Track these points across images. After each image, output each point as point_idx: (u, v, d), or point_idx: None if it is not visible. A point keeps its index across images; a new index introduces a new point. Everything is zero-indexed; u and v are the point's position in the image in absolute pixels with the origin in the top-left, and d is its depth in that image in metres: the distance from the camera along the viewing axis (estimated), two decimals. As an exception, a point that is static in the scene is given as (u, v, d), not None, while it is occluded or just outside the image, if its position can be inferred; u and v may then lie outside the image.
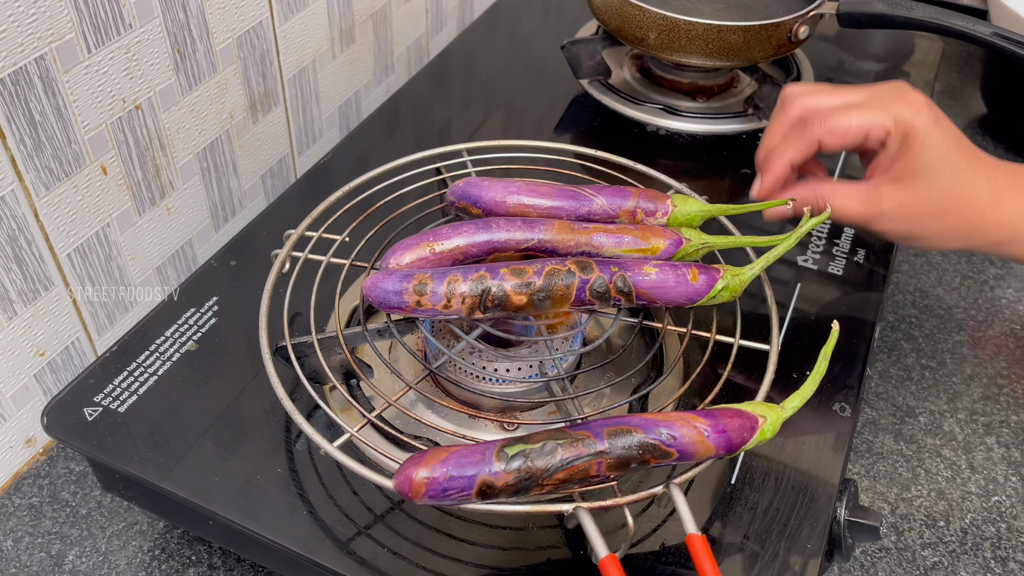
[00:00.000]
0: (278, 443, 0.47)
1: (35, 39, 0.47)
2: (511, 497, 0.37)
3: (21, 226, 0.51)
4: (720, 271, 0.45)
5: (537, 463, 0.36)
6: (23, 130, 0.49)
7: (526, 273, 0.43)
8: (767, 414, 0.40)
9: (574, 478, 0.37)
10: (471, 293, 0.42)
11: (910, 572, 0.53)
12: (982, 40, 0.59)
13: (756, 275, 0.46)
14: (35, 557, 0.52)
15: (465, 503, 0.37)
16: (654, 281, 0.44)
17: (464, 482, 0.36)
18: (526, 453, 0.36)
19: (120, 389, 0.49)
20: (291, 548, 0.43)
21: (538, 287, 0.43)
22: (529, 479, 0.36)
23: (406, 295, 0.43)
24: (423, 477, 0.36)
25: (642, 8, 0.64)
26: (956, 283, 0.72)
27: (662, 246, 0.47)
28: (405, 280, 0.43)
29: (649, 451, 0.37)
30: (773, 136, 0.49)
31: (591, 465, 0.37)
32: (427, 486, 0.36)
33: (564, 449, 0.37)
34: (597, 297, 0.43)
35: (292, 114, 0.72)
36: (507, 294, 0.42)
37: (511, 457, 0.36)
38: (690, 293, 0.45)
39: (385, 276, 0.44)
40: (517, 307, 0.43)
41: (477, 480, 0.36)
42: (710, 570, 0.35)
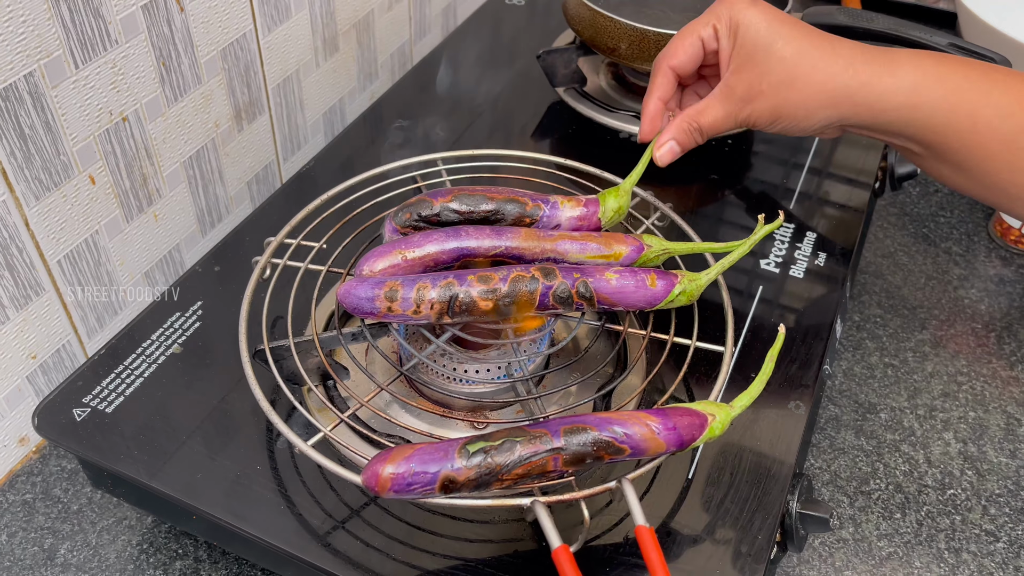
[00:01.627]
0: (260, 442, 0.50)
1: (24, 56, 0.50)
2: (473, 492, 0.39)
3: (12, 234, 0.53)
4: (678, 276, 0.48)
5: (496, 459, 0.39)
6: (13, 143, 0.51)
7: (492, 280, 0.45)
8: (716, 412, 0.42)
9: (532, 473, 0.39)
10: (439, 299, 0.45)
11: (866, 562, 0.56)
12: (939, 50, 0.61)
13: (712, 279, 0.48)
14: (28, 551, 0.54)
15: (429, 497, 0.39)
16: (615, 287, 0.46)
17: (428, 477, 0.38)
18: (486, 450, 0.39)
19: (108, 391, 0.51)
20: (272, 543, 0.45)
21: (503, 293, 0.45)
22: (489, 474, 0.39)
23: (378, 301, 0.45)
24: (389, 473, 0.38)
25: (613, 20, 0.67)
26: (921, 283, 0.74)
27: (624, 252, 0.49)
28: (377, 287, 0.45)
29: (603, 447, 0.40)
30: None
31: (548, 461, 0.39)
32: (392, 481, 0.38)
33: (522, 446, 0.39)
34: (560, 302, 0.46)
35: (277, 122, 0.74)
36: (474, 300, 0.45)
37: (472, 454, 0.39)
38: (649, 297, 0.47)
39: (358, 283, 0.46)
40: (484, 312, 0.45)
41: (440, 475, 0.38)
42: (656, 559, 0.37)
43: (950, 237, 0.78)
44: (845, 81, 0.48)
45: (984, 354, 0.68)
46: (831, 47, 0.48)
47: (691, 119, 0.51)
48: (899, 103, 0.48)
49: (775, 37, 0.48)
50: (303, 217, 0.56)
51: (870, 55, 0.48)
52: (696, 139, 0.52)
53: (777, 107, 0.49)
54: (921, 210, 0.81)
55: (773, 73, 0.48)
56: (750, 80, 0.49)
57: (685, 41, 0.51)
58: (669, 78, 0.52)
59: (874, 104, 0.48)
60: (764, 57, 0.48)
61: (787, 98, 0.49)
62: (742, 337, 0.56)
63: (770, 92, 0.49)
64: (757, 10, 0.49)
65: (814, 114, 0.49)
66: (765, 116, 0.50)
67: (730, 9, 0.49)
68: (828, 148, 0.73)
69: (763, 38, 0.48)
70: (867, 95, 0.48)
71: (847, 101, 0.48)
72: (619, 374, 0.53)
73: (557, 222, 0.51)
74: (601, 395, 0.50)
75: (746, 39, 0.49)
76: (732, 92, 0.50)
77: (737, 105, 0.50)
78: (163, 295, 0.57)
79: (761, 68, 0.48)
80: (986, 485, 0.60)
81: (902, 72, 0.48)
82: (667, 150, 0.52)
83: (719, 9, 0.50)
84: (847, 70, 0.48)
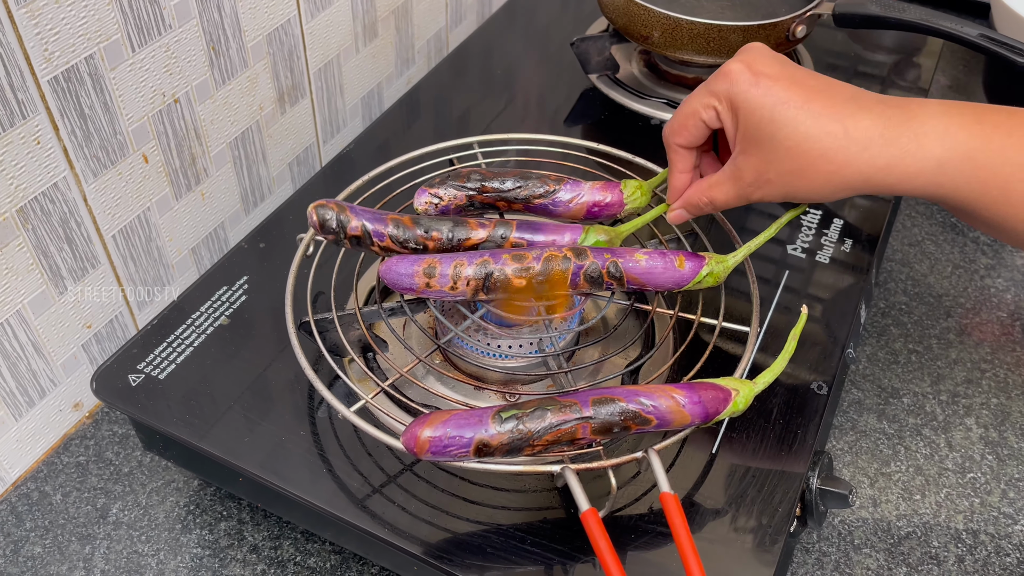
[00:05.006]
0: (302, 409, 0.52)
1: (85, 40, 0.52)
2: (505, 456, 0.41)
3: (72, 209, 0.56)
4: (705, 258, 0.49)
5: (528, 426, 0.41)
6: (74, 123, 0.54)
7: (526, 259, 0.47)
8: (740, 388, 0.44)
9: (562, 440, 0.41)
10: (475, 276, 0.47)
11: (884, 541, 0.57)
12: (969, 41, 0.62)
13: (739, 262, 0.50)
14: (82, 510, 0.57)
15: (464, 460, 0.42)
16: (644, 267, 0.48)
17: (463, 441, 0.41)
18: (518, 416, 0.41)
19: (160, 358, 0.54)
20: (313, 503, 0.48)
21: (537, 271, 0.47)
22: (521, 439, 0.41)
23: (416, 277, 0.47)
24: (427, 436, 0.41)
25: (646, 8, 0.68)
26: (947, 272, 0.75)
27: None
28: (416, 263, 0.47)
29: (630, 418, 0.42)
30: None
31: (577, 428, 0.41)
32: (431, 443, 0.41)
33: (553, 414, 0.41)
34: (590, 281, 0.48)
35: (318, 105, 0.76)
36: (508, 277, 0.47)
37: (505, 420, 0.41)
38: (677, 278, 0.49)
39: (399, 260, 0.48)
40: (517, 289, 0.47)
41: (475, 440, 0.41)
42: (680, 524, 0.39)
43: (978, 227, 0.79)
44: (860, 167, 0.43)
45: (1008, 342, 0.69)
46: (843, 129, 0.43)
47: (704, 193, 0.49)
48: (923, 183, 0.43)
49: (780, 124, 0.43)
50: (344, 197, 0.58)
51: (890, 131, 0.43)
52: (708, 211, 0.50)
53: (788, 193, 0.46)
54: (950, 200, 0.82)
55: (780, 162, 0.44)
56: (757, 167, 0.45)
57: (688, 122, 0.48)
58: (682, 154, 0.50)
59: (895, 185, 0.44)
60: (769, 145, 0.44)
61: (798, 187, 0.45)
62: (767, 319, 0.57)
63: (778, 180, 0.45)
64: (760, 91, 0.44)
65: (830, 196, 0.45)
66: (777, 198, 0.46)
67: (730, 88, 0.45)
68: (857, 137, 0.74)
69: (767, 125, 0.44)
70: (886, 178, 0.43)
71: (865, 185, 0.44)
72: (647, 352, 0.54)
73: (578, 202, 0.52)
74: (629, 371, 0.52)
75: (749, 124, 0.44)
76: (741, 176, 0.46)
77: (747, 189, 0.47)
78: (211, 270, 0.60)
79: (766, 156, 0.44)
80: (1006, 470, 0.61)
81: (926, 150, 0.43)
82: (677, 215, 0.51)
83: (719, 86, 0.45)
84: (862, 154, 0.43)
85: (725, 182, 0.47)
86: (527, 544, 0.46)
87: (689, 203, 0.50)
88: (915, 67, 0.83)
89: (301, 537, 0.56)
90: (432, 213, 0.53)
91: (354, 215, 0.49)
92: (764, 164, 0.45)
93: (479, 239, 0.50)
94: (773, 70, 0.44)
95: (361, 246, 0.50)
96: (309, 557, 0.55)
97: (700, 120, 0.47)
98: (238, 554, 0.55)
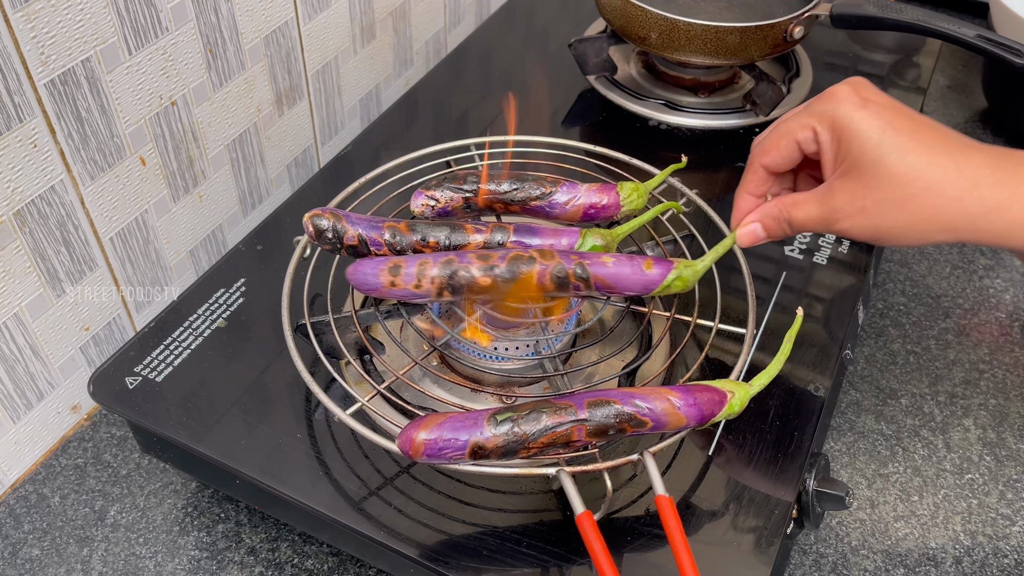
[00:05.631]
0: (299, 412, 0.52)
1: (82, 43, 0.52)
2: (500, 459, 0.41)
3: (69, 212, 0.56)
4: (674, 262, 0.49)
5: (523, 428, 0.41)
6: (71, 125, 0.54)
7: (491, 258, 0.47)
8: (736, 390, 0.44)
9: (557, 442, 0.41)
10: (440, 275, 0.47)
11: (882, 542, 0.57)
12: (966, 42, 0.62)
13: (708, 267, 0.49)
14: (80, 512, 0.57)
15: (459, 463, 0.42)
16: (611, 270, 0.48)
17: (458, 443, 0.41)
18: (514, 419, 0.41)
19: (157, 361, 0.54)
20: (311, 505, 0.48)
21: (502, 271, 0.47)
22: (516, 442, 0.41)
23: (381, 276, 0.47)
24: (422, 439, 0.41)
25: (644, 9, 0.68)
26: (946, 272, 0.75)
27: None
28: (381, 263, 0.48)
29: (626, 420, 0.42)
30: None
31: (572, 431, 0.41)
32: (426, 446, 0.41)
33: (548, 416, 0.41)
34: (556, 283, 0.48)
35: (316, 107, 0.76)
36: (473, 277, 0.47)
37: (500, 422, 0.41)
38: (645, 282, 0.49)
39: (364, 260, 0.48)
40: (483, 289, 0.47)
41: (470, 443, 0.41)
42: (675, 527, 0.39)
43: (977, 227, 0.79)
44: (967, 206, 0.41)
45: (1007, 343, 0.69)
46: (954, 164, 0.41)
47: (784, 209, 0.46)
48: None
49: (887, 148, 0.41)
50: (342, 199, 0.58)
51: (1002, 172, 0.41)
52: (784, 230, 0.47)
53: (880, 227, 0.43)
54: (948, 200, 0.82)
55: (881, 189, 0.42)
56: (853, 191, 0.42)
57: (780, 142, 0.45)
58: (761, 175, 0.47)
59: (1002, 232, 0.41)
60: (873, 170, 0.41)
61: (895, 219, 0.42)
62: (764, 321, 0.57)
63: (874, 210, 0.42)
64: (867, 113, 0.42)
65: (927, 237, 0.43)
66: (865, 233, 0.43)
67: (835, 109, 0.42)
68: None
69: (872, 148, 0.41)
70: (992, 222, 0.41)
71: (968, 227, 0.41)
72: (643, 354, 0.54)
73: (574, 204, 0.52)
74: (625, 373, 0.52)
75: (852, 146, 0.42)
76: (832, 199, 0.43)
77: (835, 215, 0.44)
78: (208, 272, 0.60)
79: (867, 181, 0.42)
80: (1004, 471, 0.61)
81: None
82: (750, 231, 0.48)
83: (821, 107, 0.43)
84: (971, 193, 0.41)
85: (811, 202, 0.44)
86: (523, 546, 0.46)
87: (767, 216, 0.47)
88: (914, 67, 0.83)
89: (299, 539, 0.56)
90: (429, 215, 0.53)
91: (350, 224, 0.49)
92: (863, 189, 0.42)
93: (476, 244, 0.50)
94: (881, 99, 0.43)
95: (358, 254, 0.50)
96: (307, 559, 0.55)
97: (795, 141, 0.44)
98: (236, 556, 0.55)
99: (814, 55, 0.81)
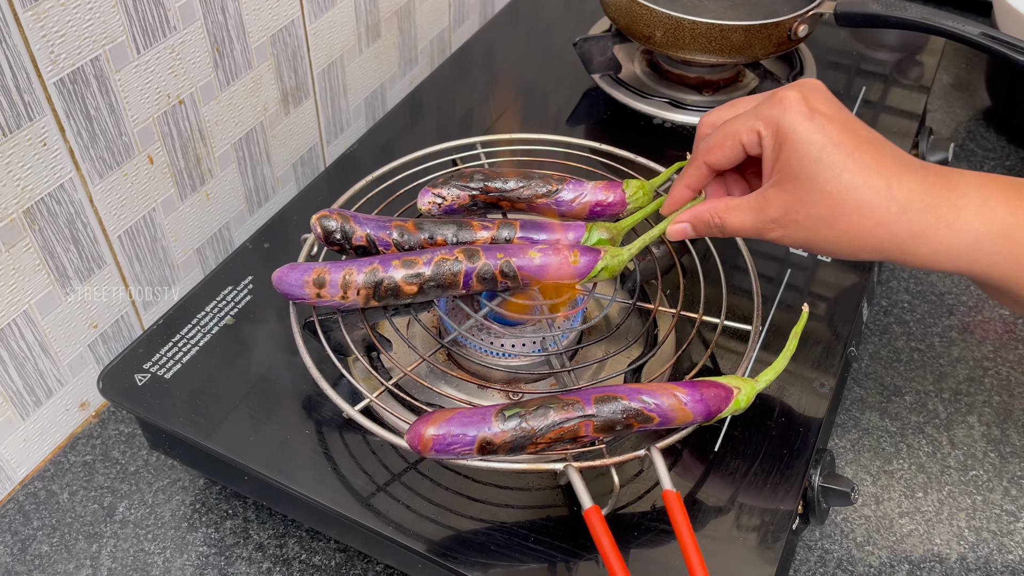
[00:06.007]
0: (307, 408, 0.53)
1: (91, 42, 0.53)
2: (508, 454, 0.42)
3: (78, 210, 0.56)
4: (600, 252, 0.49)
5: (531, 423, 0.41)
6: (80, 124, 0.54)
7: (416, 264, 0.48)
8: (742, 386, 0.44)
9: (564, 437, 0.41)
10: (365, 284, 0.47)
11: (887, 538, 0.57)
12: (971, 40, 0.62)
13: (633, 255, 0.50)
14: (89, 508, 0.58)
15: (467, 458, 0.42)
16: (537, 264, 0.48)
17: (467, 439, 0.41)
18: (522, 415, 0.41)
19: (166, 358, 0.54)
20: (318, 501, 0.48)
21: (427, 276, 0.47)
22: (524, 437, 0.41)
23: (307, 288, 0.48)
24: (431, 434, 0.41)
25: (649, 8, 0.68)
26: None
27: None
28: (306, 273, 0.48)
29: (633, 416, 0.42)
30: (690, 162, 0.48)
31: (580, 426, 0.41)
32: (434, 441, 0.41)
33: (556, 412, 0.41)
34: (483, 283, 0.48)
35: (321, 106, 0.77)
36: (398, 284, 0.47)
37: (508, 418, 0.41)
38: (572, 274, 0.49)
39: (290, 269, 0.49)
40: (410, 295, 0.48)
41: (478, 438, 0.41)
42: (682, 521, 0.39)
43: (981, 225, 0.79)
44: (894, 231, 0.41)
45: (1011, 340, 0.69)
46: (887, 186, 0.41)
47: (716, 214, 0.46)
48: (955, 257, 0.41)
49: (825, 166, 0.41)
50: (348, 198, 0.58)
51: (931, 198, 0.41)
52: (714, 233, 0.47)
53: (810, 240, 0.43)
54: (952, 198, 0.82)
55: (814, 205, 0.42)
56: (787, 204, 0.42)
57: (726, 142, 0.45)
58: (703, 171, 0.47)
59: (925, 256, 0.42)
60: (808, 185, 0.41)
61: (824, 236, 0.42)
62: (770, 318, 0.58)
63: (806, 224, 0.42)
64: (812, 125, 0.41)
65: (854, 255, 0.43)
66: (795, 244, 0.44)
67: (781, 116, 0.42)
68: (860, 136, 0.74)
69: (811, 163, 0.41)
70: (918, 247, 0.41)
71: (894, 250, 0.42)
72: (649, 350, 0.55)
73: (580, 201, 0.53)
74: (632, 370, 0.52)
75: (792, 157, 0.42)
76: (766, 208, 0.43)
77: (767, 224, 0.44)
78: (216, 269, 0.60)
79: (802, 196, 0.42)
80: (1008, 467, 0.61)
81: (964, 221, 0.41)
82: (680, 230, 0.48)
83: (769, 111, 0.42)
84: (900, 218, 0.41)
85: (745, 209, 0.44)
86: (530, 542, 0.46)
87: (698, 219, 0.47)
88: (918, 65, 0.83)
89: (306, 535, 0.56)
90: (436, 213, 0.53)
91: (358, 225, 0.50)
92: (796, 203, 0.42)
93: (483, 240, 0.50)
94: (829, 110, 0.42)
95: (367, 255, 0.50)
96: (314, 555, 0.55)
97: (739, 142, 0.44)
98: (244, 552, 0.55)
99: (818, 53, 0.81)
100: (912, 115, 0.76)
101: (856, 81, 0.80)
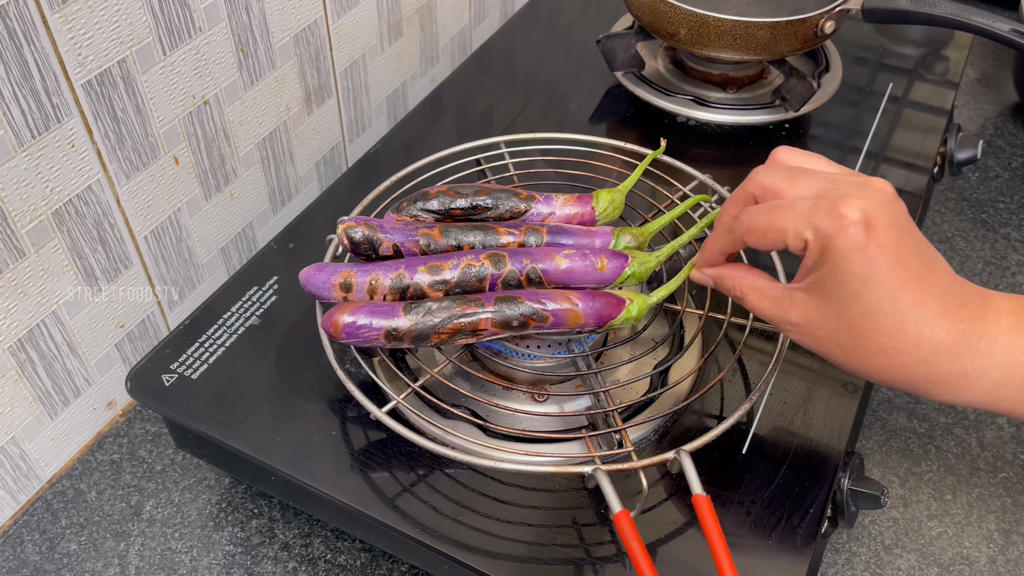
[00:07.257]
0: (332, 409, 0.53)
1: (118, 44, 0.53)
2: (412, 343, 0.46)
3: (105, 211, 0.57)
4: (628, 258, 0.49)
5: (434, 315, 0.45)
6: (107, 125, 0.54)
7: (442, 270, 0.48)
8: (635, 299, 0.48)
9: (464, 330, 0.46)
10: (392, 290, 0.47)
11: (916, 541, 0.57)
12: (1000, 36, 0.61)
13: (662, 262, 0.50)
14: (116, 507, 0.58)
15: (375, 344, 0.46)
16: (564, 270, 0.48)
17: (374, 328, 0.46)
18: (426, 307, 0.45)
19: (193, 358, 0.55)
20: (343, 501, 0.48)
21: (453, 283, 0.47)
22: (427, 328, 0.45)
23: (334, 291, 0.48)
24: (344, 321, 0.45)
25: (673, 5, 0.68)
26: (979, 268, 0.74)
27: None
28: (333, 275, 0.48)
29: (529, 314, 0.46)
30: (726, 210, 0.45)
31: (480, 322, 0.46)
32: (344, 327, 0.46)
33: (457, 306, 0.45)
34: (510, 288, 0.48)
35: (344, 105, 0.77)
36: (423, 290, 0.47)
37: (412, 309, 0.46)
38: (599, 280, 0.49)
39: (317, 270, 0.49)
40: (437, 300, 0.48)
41: (384, 327, 0.45)
42: (712, 526, 0.39)
43: (1009, 223, 0.78)
44: (912, 375, 0.40)
45: (1041, 340, 0.68)
46: (917, 335, 0.39)
47: (739, 288, 0.44)
48: (970, 400, 0.41)
49: (860, 299, 0.39)
50: (372, 199, 0.58)
51: (959, 347, 0.39)
52: (733, 296, 0.45)
53: (822, 354, 0.42)
54: (980, 195, 0.81)
55: (837, 330, 0.40)
56: (811, 317, 0.41)
57: (768, 235, 0.41)
58: (736, 244, 0.44)
59: (942, 396, 0.41)
60: (836, 311, 0.40)
61: (838, 358, 0.42)
62: (797, 318, 0.57)
63: (824, 341, 0.41)
64: (862, 257, 0.38)
65: (865, 377, 0.43)
66: (807, 347, 0.43)
67: (836, 236, 0.38)
68: (886, 132, 0.73)
69: (847, 294, 0.39)
70: (931, 390, 0.41)
71: (910, 387, 0.41)
72: (676, 352, 0.54)
73: (553, 220, 0.53)
74: (658, 372, 0.52)
75: (829, 279, 0.39)
76: (789, 309, 0.42)
77: (786, 325, 0.42)
78: (242, 270, 0.60)
79: (827, 317, 0.40)
80: (1039, 469, 0.60)
81: (983, 372, 0.40)
82: (702, 279, 0.47)
83: (823, 223, 0.38)
84: (920, 365, 0.40)
85: (769, 298, 0.43)
86: (557, 543, 0.46)
87: (721, 282, 0.45)
88: (944, 60, 0.82)
89: (331, 535, 0.57)
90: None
91: (384, 234, 0.50)
92: (819, 321, 0.41)
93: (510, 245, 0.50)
94: (887, 238, 0.38)
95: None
96: (339, 555, 0.56)
97: (783, 242, 0.40)
98: (269, 551, 0.56)
99: (843, 49, 0.80)
100: (940, 111, 0.75)
101: (881, 76, 0.79)
